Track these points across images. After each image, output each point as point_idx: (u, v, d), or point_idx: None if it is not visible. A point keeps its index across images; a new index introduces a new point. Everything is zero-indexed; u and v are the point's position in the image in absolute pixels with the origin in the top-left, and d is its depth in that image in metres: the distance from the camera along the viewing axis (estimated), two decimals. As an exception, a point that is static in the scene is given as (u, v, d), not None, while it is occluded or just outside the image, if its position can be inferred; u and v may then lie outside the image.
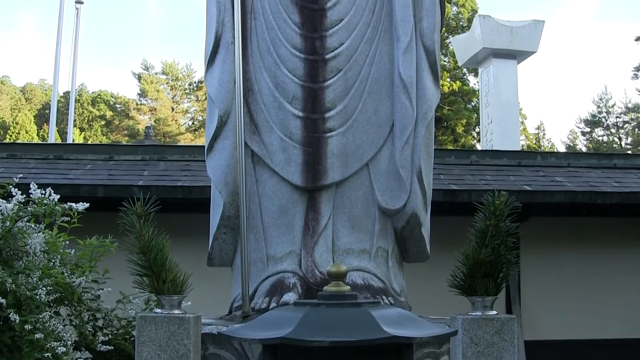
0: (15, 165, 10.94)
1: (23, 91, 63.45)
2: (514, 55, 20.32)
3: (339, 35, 4.90)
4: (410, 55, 4.91)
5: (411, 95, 4.85)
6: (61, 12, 27.05)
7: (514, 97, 20.56)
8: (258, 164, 4.90)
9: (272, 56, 4.91)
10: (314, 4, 4.93)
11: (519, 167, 12.31)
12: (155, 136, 40.81)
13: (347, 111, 4.85)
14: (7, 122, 53.85)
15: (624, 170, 12.74)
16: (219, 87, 4.83)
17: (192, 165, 11.07)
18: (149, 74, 53.25)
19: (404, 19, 4.95)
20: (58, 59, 26.37)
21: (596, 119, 49.91)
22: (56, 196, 5.43)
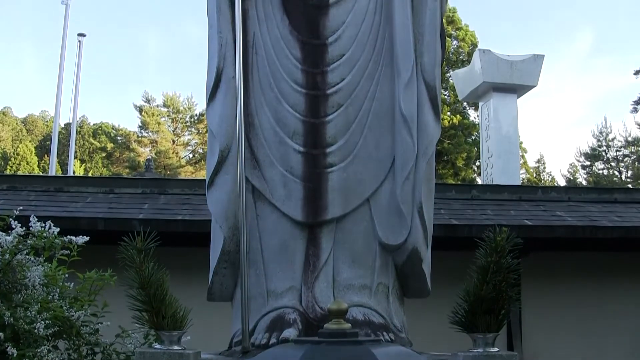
0: (15, 197, 10.96)
1: (24, 122, 63.71)
2: (514, 90, 20.42)
3: (340, 70, 4.91)
4: (411, 90, 4.92)
5: (412, 130, 4.85)
6: (64, 44, 27.24)
7: (514, 131, 20.63)
8: (259, 199, 4.89)
9: (273, 91, 4.92)
10: (315, 39, 4.96)
11: (519, 201, 12.33)
12: (156, 169, 40.83)
13: (348, 146, 4.85)
14: (8, 153, 54.01)
15: (624, 205, 12.76)
16: (220, 122, 4.84)
17: (192, 198, 11.08)
18: (150, 107, 53.44)
19: (405, 54, 4.96)
20: (60, 91, 26.53)
21: (596, 153, 50.02)
22: (56, 229, 5.43)
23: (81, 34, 28.88)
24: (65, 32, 27.05)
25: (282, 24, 5.01)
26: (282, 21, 5.02)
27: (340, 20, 4.99)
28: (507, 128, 20.24)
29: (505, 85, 20.11)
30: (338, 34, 4.96)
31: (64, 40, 27.08)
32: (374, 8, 5.08)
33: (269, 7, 5.06)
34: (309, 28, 4.98)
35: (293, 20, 5.00)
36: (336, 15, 5.00)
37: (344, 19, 5.00)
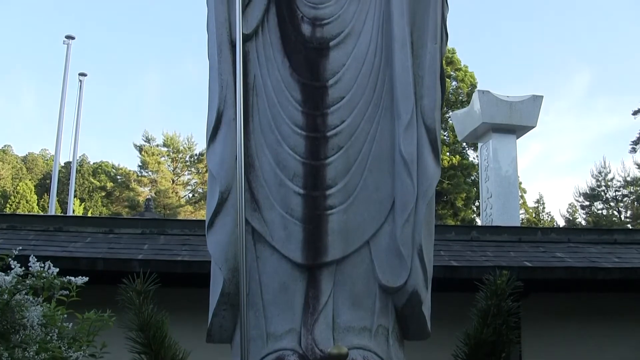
0: (15, 236, 10.95)
1: (24, 160, 63.87)
2: (513, 130, 20.49)
3: (340, 113, 4.94)
4: (411, 132, 4.94)
5: (412, 172, 4.86)
6: (65, 83, 27.35)
7: (514, 172, 20.67)
8: (259, 241, 4.88)
9: (273, 133, 4.95)
10: (315, 82, 4.99)
11: (519, 242, 12.32)
12: (155, 208, 40.82)
13: (348, 189, 4.87)
14: (7, 191, 54.04)
15: (624, 246, 12.75)
16: (221, 164, 4.85)
17: (192, 239, 11.06)
18: (150, 146, 53.56)
19: (405, 97, 4.99)
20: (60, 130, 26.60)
21: (595, 193, 50.07)
22: (55, 270, 5.41)
23: (82, 74, 29.04)
24: (66, 72, 27.20)
25: (282, 67, 5.06)
26: (282, 64, 5.06)
27: (341, 62, 5.04)
28: (507, 168, 20.29)
29: (505, 126, 20.20)
30: (338, 77, 5.01)
31: (65, 80, 27.22)
32: (374, 51, 5.13)
33: (269, 50, 5.11)
34: (310, 70, 5.02)
35: (294, 63, 5.05)
36: (336, 57, 5.05)
37: (344, 62, 5.04)
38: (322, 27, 5.08)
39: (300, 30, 5.09)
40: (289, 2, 5.14)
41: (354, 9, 5.15)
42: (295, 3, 5.14)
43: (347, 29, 5.09)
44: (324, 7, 5.11)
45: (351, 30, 5.10)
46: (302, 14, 5.11)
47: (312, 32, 5.08)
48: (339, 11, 5.11)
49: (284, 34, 5.10)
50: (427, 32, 5.16)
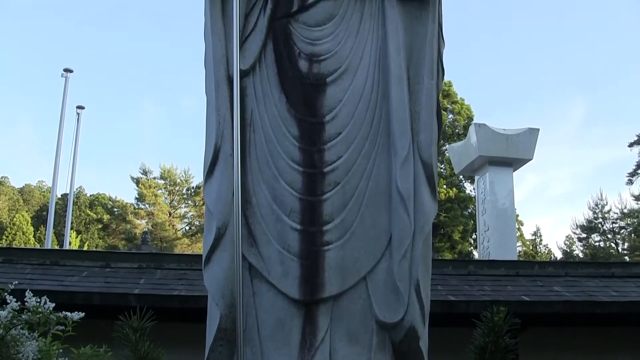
0: (11, 270, 10.93)
1: (21, 192, 63.85)
2: (509, 163, 20.52)
3: (337, 148, 4.96)
4: (408, 168, 4.95)
5: (409, 208, 4.87)
6: (62, 116, 27.40)
7: (510, 205, 20.68)
8: (255, 277, 4.87)
9: (270, 169, 4.96)
10: (312, 117, 5.02)
11: (516, 277, 12.30)
12: (152, 241, 40.76)
13: (345, 224, 4.87)
14: (4, 222, 53.96)
15: (622, 279, 12.74)
16: (217, 199, 4.86)
17: (188, 273, 11.04)
18: (147, 179, 53.56)
19: (402, 132, 5.01)
20: (58, 162, 26.62)
21: (592, 225, 50.06)
22: (51, 305, 5.40)
23: (80, 107, 29.12)
24: (64, 104, 27.26)
25: (279, 102, 5.08)
26: (279, 99, 5.09)
27: (337, 98, 5.06)
28: (503, 201, 20.30)
29: (501, 159, 20.23)
30: (335, 112, 5.03)
31: (63, 112, 27.28)
32: (370, 86, 5.15)
33: (266, 85, 5.13)
34: (307, 106, 5.05)
35: (291, 98, 5.07)
36: (333, 93, 5.07)
37: (340, 97, 5.07)
38: (319, 63, 5.11)
39: (297, 66, 5.12)
40: (286, 39, 5.18)
41: (350, 45, 5.18)
42: (293, 39, 5.17)
43: (344, 65, 5.12)
44: (321, 44, 5.14)
45: (348, 66, 5.13)
46: (299, 50, 5.15)
47: (309, 68, 5.11)
48: (336, 47, 5.15)
49: (281, 70, 5.13)
50: (423, 67, 5.19)
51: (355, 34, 5.22)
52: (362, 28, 5.25)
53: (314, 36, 5.16)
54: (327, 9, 5.21)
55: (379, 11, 5.31)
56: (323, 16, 5.20)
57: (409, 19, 5.29)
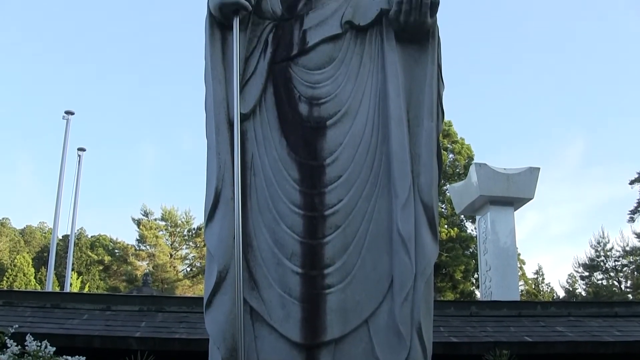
0: (11, 313, 10.88)
1: (22, 233, 63.79)
2: (510, 203, 20.48)
3: (337, 191, 4.96)
4: (409, 211, 4.95)
5: (410, 251, 4.86)
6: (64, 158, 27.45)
7: (512, 244, 20.61)
8: (257, 320, 4.85)
9: (271, 212, 4.96)
10: (313, 161, 5.03)
11: (519, 317, 12.23)
12: (153, 282, 40.62)
13: (346, 267, 4.86)
14: (5, 264, 53.83)
15: (625, 319, 12.66)
16: (218, 243, 4.85)
17: (190, 316, 10.99)
18: (148, 220, 53.48)
19: (402, 175, 5.02)
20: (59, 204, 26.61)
21: (595, 263, 49.82)
22: (52, 349, 5.38)
23: (81, 149, 29.18)
24: (65, 146, 27.31)
25: (280, 146, 5.09)
26: (280, 143, 5.10)
27: (338, 141, 5.08)
28: (505, 240, 20.24)
29: (502, 199, 20.19)
30: (335, 156, 5.04)
31: (64, 154, 27.32)
32: (370, 129, 5.17)
33: (267, 129, 5.15)
34: (307, 149, 5.06)
35: (291, 142, 5.09)
36: (333, 136, 5.09)
37: (341, 141, 5.08)
38: (319, 107, 5.14)
39: (297, 109, 5.14)
40: (286, 82, 5.21)
41: (350, 88, 5.21)
42: (293, 83, 5.20)
43: (344, 108, 5.15)
44: (321, 87, 5.17)
45: (348, 109, 5.16)
46: (300, 93, 5.17)
47: (309, 111, 5.13)
48: (336, 90, 5.18)
49: (281, 113, 5.16)
50: (423, 110, 5.21)
51: (355, 76, 5.25)
52: (362, 71, 5.28)
53: (314, 79, 5.19)
54: (327, 52, 5.25)
55: (378, 54, 5.35)
56: (323, 59, 5.24)
57: (409, 62, 5.33)
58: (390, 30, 5.32)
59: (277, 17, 5.34)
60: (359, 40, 5.36)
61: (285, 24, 5.32)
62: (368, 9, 5.36)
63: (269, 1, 5.35)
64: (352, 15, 5.33)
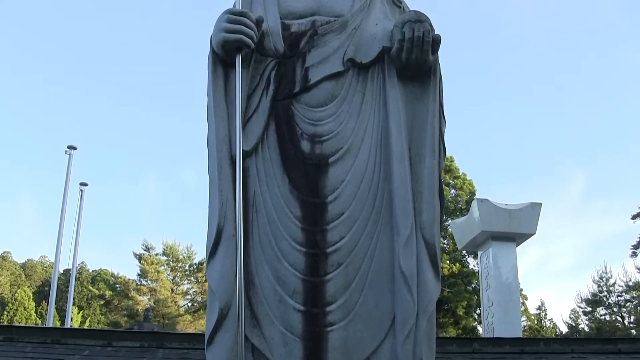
0: (11, 348, 10.83)
1: (23, 267, 63.83)
2: (512, 238, 20.46)
3: (339, 229, 4.96)
4: (411, 248, 4.95)
5: (412, 288, 4.85)
6: (66, 192, 27.50)
7: (514, 280, 20.56)
8: (259, 358, 4.83)
9: (273, 250, 4.96)
10: (315, 198, 5.03)
11: (521, 354, 12.14)
12: (154, 317, 40.51)
13: (348, 305, 4.84)
14: (5, 298, 53.78)
15: (629, 356, 12.56)
16: (220, 280, 4.84)
17: (191, 353, 10.92)
18: (149, 255, 53.44)
19: (404, 212, 5.02)
20: (61, 239, 26.62)
21: (597, 298, 49.69)
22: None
23: (83, 183, 29.26)
24: (67, 181, 27.38)
25: (282, 183, 5.10)
26: (282, 180, 5.11)
27: (340, 178, 5.08)
28: (507, 276, 20.18)
29: (504, 234, 20.16)
30: (337, 193, 5.04)
31: (66, 189, 27.38)
32: (372, 166, 5.18)
33: (269, 166, 5.16)
34: (309, 186, 5.07)
35: (293, 179, 5.10)
36: (335, 173, 5.10)
37: (343, 178, 5.09)
38: (321, 144, 5.15)
39: (299, 146, 5.15)
40: (288, 119, 5.22)
41: (352, 126, 5.22)
42: (295, 120, 5.22)
43: (346, 145, 5.16)
44: (323, 124, 5.18)
45: (350, 147, 5.16)
46: (302, 130, 5.19)
47: (311, 148, 5.14)
48: (338, 127, 5.19)
49: (283, 150, 5.17)
50: (425, 147, 5.22)
51: (357, 114, 5.26)
52: (364, 108, 5.30)
53: (316, 117, 5.20)
54: (329, 90, 5.27)
55: (380, 91, 5.37)
56: (325, 97, 5.25)
57: (410, 99, 5.34)
58: (392, 68, 5.34)
59: (280, 54, 5.36)
60: (361, 77, 5.38)
61: (288, 62, 5.34)
62: (370, 46, 5.39)
63: (272, 39, 5.38)
64: (354, 52, 5.35)
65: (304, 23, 5.47)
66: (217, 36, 5.22)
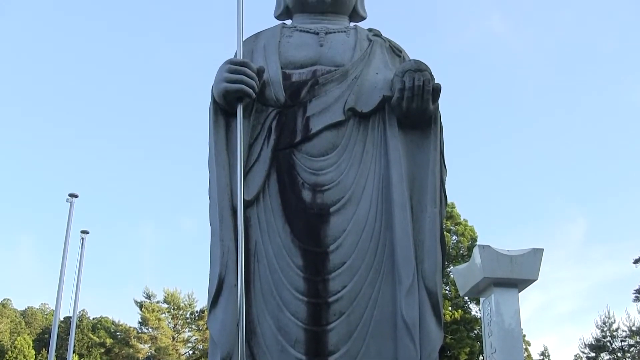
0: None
1: (24, 315, 63.54)
2: (515, 284, 20.30)
3: (341, 278, 4.95)
4: (413, 297, 4.94)
5: (414, 337, 4.84)
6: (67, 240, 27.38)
7: (517, 325, 20.38)
8: None
9: (275, 299, 4.95)
10: (316, 247, 5.03)
11: (525, 401, 12.09)
12: (155, 365, 40.20)
13: (350, 354, 4.83)
14: (5, 345, 53.48)
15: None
16: (222, 330, 4.83)
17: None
18: (150, 302, 53.20)
19: (406, 261, 5.02)
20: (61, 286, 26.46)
21: (601, 344, 49.29)
22: None
23: (84, 231, 29.14)
24: (68, 229, 27.28)
25: (283, 232, 5.10)
26: (283, 229, 5.11)
27: (341, 228, 5.08)
28: (509, 322, 20.01)
29: (506, 280, 20.01)
30: (339, 242, 5.04)
31: (67, 237, 27.25)
32: (374, 216, 5.18)
33: (270, 216, 5.16)
34: (311, 236, 5.06)
35: (295, 229, 5.09)
36: (337, 223, 5.09)
37: (344, 227, 5.08)
38: (323, 193, 5.15)
39: (301, 196, 5.16)
40: (289, 169, 5.23)
41: (353, 175, 5.23)
42: (296, 169, 5.22)
43: (348, 194, 5.16)
44: (324, 174, 5.19)
45: (351, 196, 5.17)
46: (303, 180, 5.19)
47: (312, 198, 5.15)
48: (339, 177, 5.19)
49: (284, 200, 5.17)
50: (426, 196, 5.24)
51: (358, 163, 5.27)
52: (365, 157, 5.31)
53: (317, 166, 5.21)
54: (330, 139, 5.28)
55: (381, 140, 5.38)
56: (326, 146, 5.27)
57: (411, 148, 5.36)
58: (392, 117, 5.37)
59: (281, 104, 5.39)
60: (361, 126, 5.40)
61: (289, 111, 5.37)
62: (370, 95, 5.42)
63: (273, 89, 5.41)
64: (355, 102, 5.38)
65: (305, 72, 5.51)
66: (219, 86, 5.25)
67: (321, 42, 5.67)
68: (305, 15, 6.05)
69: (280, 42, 5.72)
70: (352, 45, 5.68)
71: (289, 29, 5.89)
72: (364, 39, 5.74)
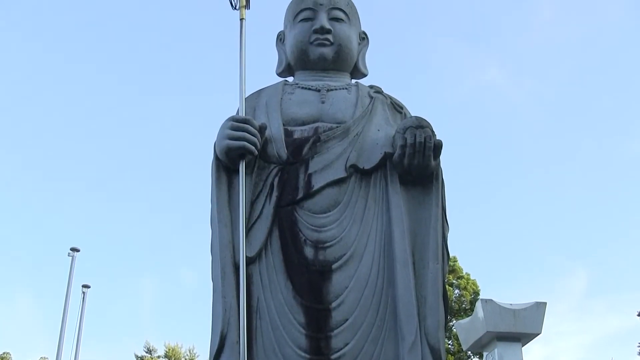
0: None
1: (23, 372, 62.92)
2: (518, 338, 20.18)
3: (343, 335, 4.93)
4: (416, 354, 4.91)
5: (417, 394, 4.81)
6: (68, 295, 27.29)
7: (521, 380, 20.25)
8: None
9: (277, 356, 4.92)
10: (318, 304, 5.01)
11: None
12: None
13: None
14: (5, 405, 52.84)
15: None
16: (224, 388, 4.80)
17: None
18: (151, 357, 52.74)
19: (408, 318, 4.99)
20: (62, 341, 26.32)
21: (608, 395, 48.80)
22: None
23: (85, 286, 29.04)
24: (70, 283, 27.19)
25: (285, 289, 5.09)
26: (285, 286, 5.10)
27: (343, 285, 5.07)
28: (513, 377, 19.88)
29: (509, 335, 19.89)
30: (341, 299, 5.02)
31: (69, 291, 27.16)
32: (376, 272, 5.17)
33: (272, 273, 5.15)
34: (313, 293, 5.05)
35: (296, 286, 5.08)
36: (339, 280, 5.08)
37: (346, 284, 5.07)
38: (325, 250, 5.14)
39: (303, 253, 5.15)
40: (291, 226, 5.23)
41: (355, 232, 5.23)
42: (298, 226, 5.23)
43: (350, 251, 5.15)
44: (326, 230, 5.19)
45: (353, 253, 5.16)
46: (305, 237, 5.19)
47: (314, 255, 5.14)
48: (341, 234, 5.19)
49: (286, 256, 5.17)
50: (428, 252, 5.23)
51: (360, 220, 5.27)
52: (367, 214, 5.31)
53: (319, 223, 5.22)
54: (332, 196, 5.29)
55: (382, 197, 5.39)
56: (328, 203, 5.27)
57: (413, 204, 5.37)
58: (394, 173, 5.39)
59: (283, 161, 5.41)
60: (363, 183, 5.41)
61: (291, 168, 5.38)
62: (372, 152, 5.44)
63: (275, 145, 5.43)
64: (357, 158, 5.40)
65: (307, 130, 5.54)
66: (221, 143, 5.28)
67: (323, 99, 5.72)
68: (307, 72, 6.10)
69: (282, 99, 5.76)
70: (354, 102, 5.72)
71: (291, 85, 5.94)
72: (366, 96, 5.78)
